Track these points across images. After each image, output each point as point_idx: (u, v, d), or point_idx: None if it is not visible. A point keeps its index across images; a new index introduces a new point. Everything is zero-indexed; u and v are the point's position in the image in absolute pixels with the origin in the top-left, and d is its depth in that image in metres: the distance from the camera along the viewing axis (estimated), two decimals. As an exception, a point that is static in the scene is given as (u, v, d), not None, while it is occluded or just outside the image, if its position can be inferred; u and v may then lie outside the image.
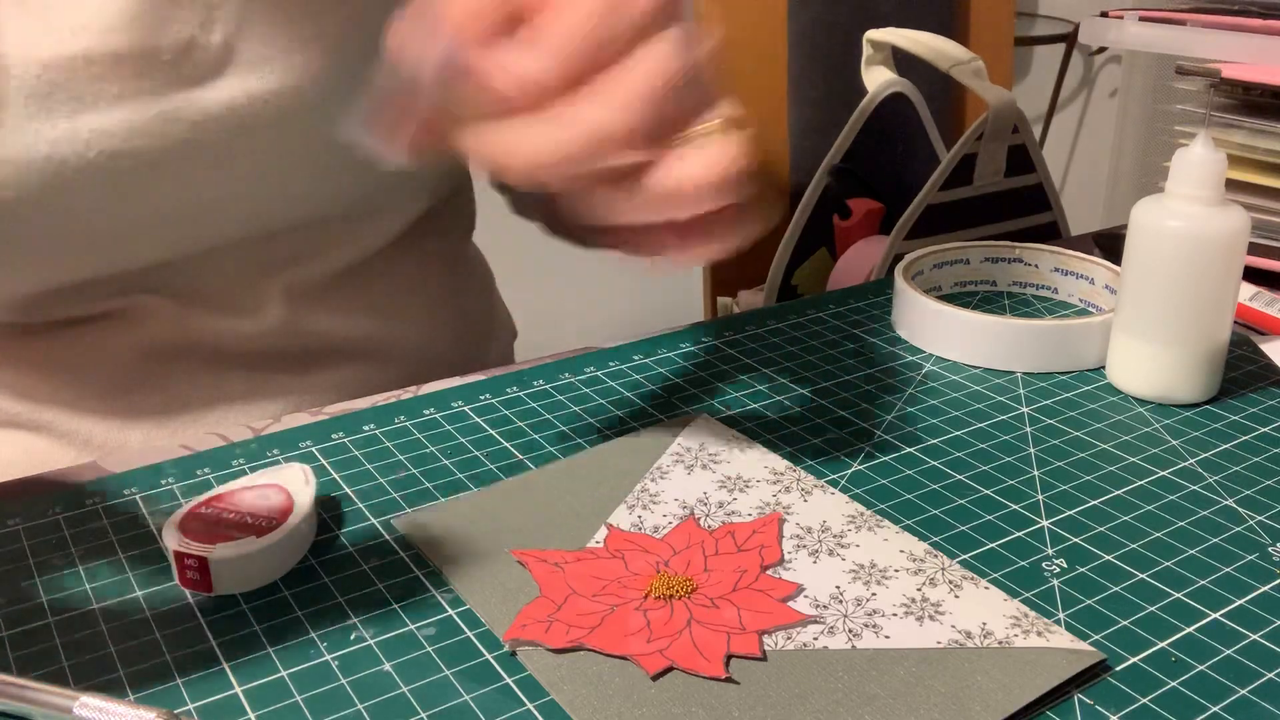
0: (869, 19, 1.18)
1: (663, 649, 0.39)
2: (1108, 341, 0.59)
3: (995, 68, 1.29)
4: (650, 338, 0.64)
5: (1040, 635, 0.39)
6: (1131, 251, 0.56)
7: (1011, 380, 0.59)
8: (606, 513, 0.47)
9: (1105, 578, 0.43)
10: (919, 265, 0.67)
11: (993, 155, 0.88)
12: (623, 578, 0.42)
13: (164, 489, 0.49)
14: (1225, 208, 0.54)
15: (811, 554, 0.44)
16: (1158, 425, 0.55)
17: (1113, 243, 0.75)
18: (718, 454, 0.51)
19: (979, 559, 0.44)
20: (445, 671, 0.38)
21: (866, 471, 0.51)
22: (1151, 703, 0.37)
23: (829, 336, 0.64)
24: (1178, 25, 0.75)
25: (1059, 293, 0.69)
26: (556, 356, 0.62)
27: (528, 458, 0.51)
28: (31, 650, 0.39)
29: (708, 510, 0.47)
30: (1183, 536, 0.46)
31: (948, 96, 1.29)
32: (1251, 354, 0.62)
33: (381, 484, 0.49)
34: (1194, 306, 0.55)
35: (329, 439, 0.53)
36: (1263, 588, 0.43)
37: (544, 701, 0.37)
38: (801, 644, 0.39)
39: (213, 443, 0.53)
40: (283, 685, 0.38)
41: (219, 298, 0.59)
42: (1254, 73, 0.70)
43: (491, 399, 0.57)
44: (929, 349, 0.62)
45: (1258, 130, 0.71)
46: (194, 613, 0.41)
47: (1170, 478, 0.50)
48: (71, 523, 0.46)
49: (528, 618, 0.40)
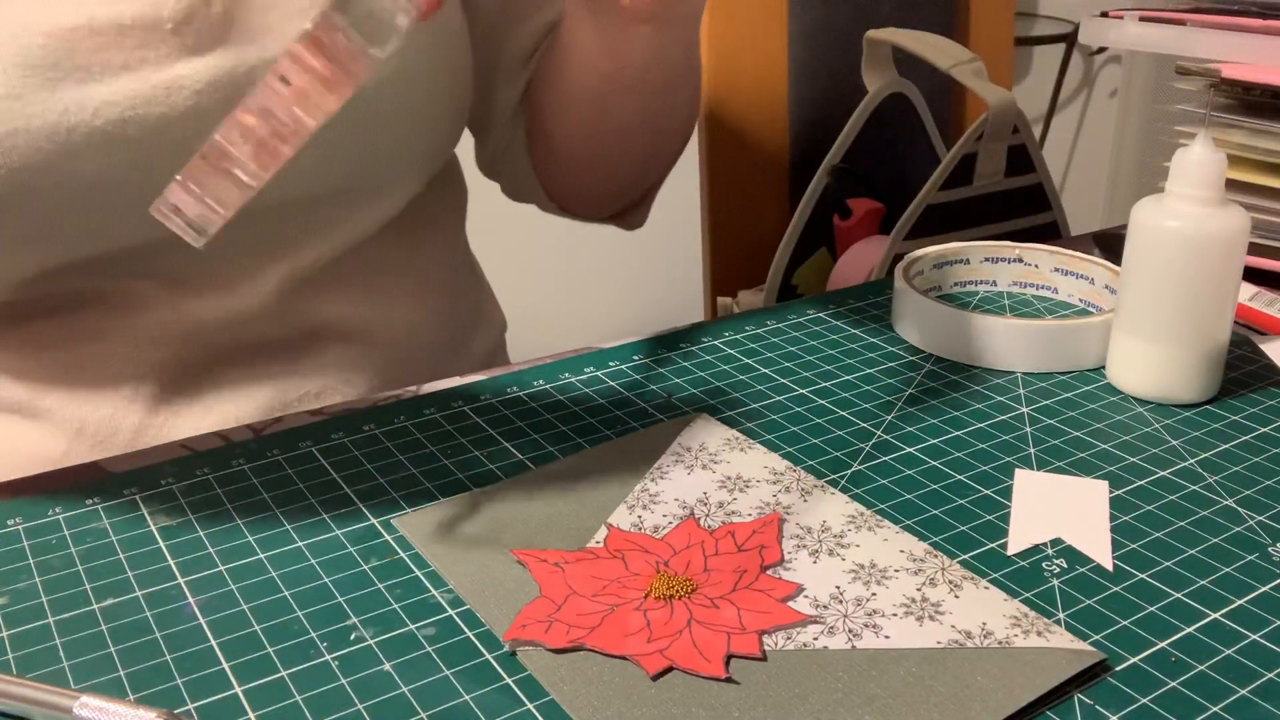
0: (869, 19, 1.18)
1: (663, 649, 0.39)
2: (1108, 341, 0.59)
3: (995, 68, 1.29)
4: (650, 338, 0.64)
5: (1040, 635, 0.39)
6: (1131, 251, 0.56)
7: (1011, 380, 0.59)
8: (606, 513, 0.47)
9: (1105, 578, 0.43)
10: (919, 265, 0.67)
11: (993, 155, 0.88)
12: (623, 578, 0.42)
13: (164, 489, 0.49)
14: (1225, 208, 0.54)
15: (811, 554, 0.44)
16: (1158, 425, 0.55)
17: (1113, 243, 0.75)
18: (718, 454, 0.51)
19: (979, 559, 0.44)
20: (445, 671, 0.38)
21: (866, 471, 0.51)
22: (1151, 703, 0.37)
23: (829, 336, 0.64)
24: (1178, 25, 0.75)
25: (1059, 293, 0.69)
26: (556, 356, 0.62)
27: (528, 458, 0.51)
28: (31, 650, 0.39)
29: (708, 510, 0.47)
30: (1183, 536, 0.46)
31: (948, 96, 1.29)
32: (1251, 354, 0.62)
33: (381, 484, 0.49)
34: (1194, 306, 0.55)
35: (329, 439, 0.53)
36: (1263, 588, 0.43)
37: (544, 701, 0.37)
38: (801, 644, 0.39)
39: (213, 443, 0.53)
40: (283, 685, 0.38)
41: (214, 282, 0.59)
42: (1254, 73, 0.70)
43: (491, 399, 0.57)
44: (929, 349, 0.62)
45: (1258, 130, 0.71)
46: (194, 612, 0.41)
47: (1170, 478, 0.50)
48: (71, 523, 0.46)
49: (528, 618, 0.40)
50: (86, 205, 0.53)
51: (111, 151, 0.52)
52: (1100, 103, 2.72)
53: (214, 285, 0.59)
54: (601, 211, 0.76)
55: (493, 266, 0.82)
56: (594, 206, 0.76)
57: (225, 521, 0.47)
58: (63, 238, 0.54)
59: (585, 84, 0.64)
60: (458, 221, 0.75)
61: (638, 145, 0.69)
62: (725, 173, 1.24)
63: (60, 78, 0.51)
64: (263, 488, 0.49)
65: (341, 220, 0.62)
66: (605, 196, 0.74)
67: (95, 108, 0.51)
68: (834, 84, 1.22)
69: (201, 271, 0.59)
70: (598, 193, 0.74)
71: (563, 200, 0.75)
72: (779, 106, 1.24)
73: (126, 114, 0.52)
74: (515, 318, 0.83)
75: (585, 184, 0.73)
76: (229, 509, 0.47)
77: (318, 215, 0.61)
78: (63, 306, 0.58)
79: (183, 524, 0.46)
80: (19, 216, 0.52)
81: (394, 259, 0.66)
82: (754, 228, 1.26)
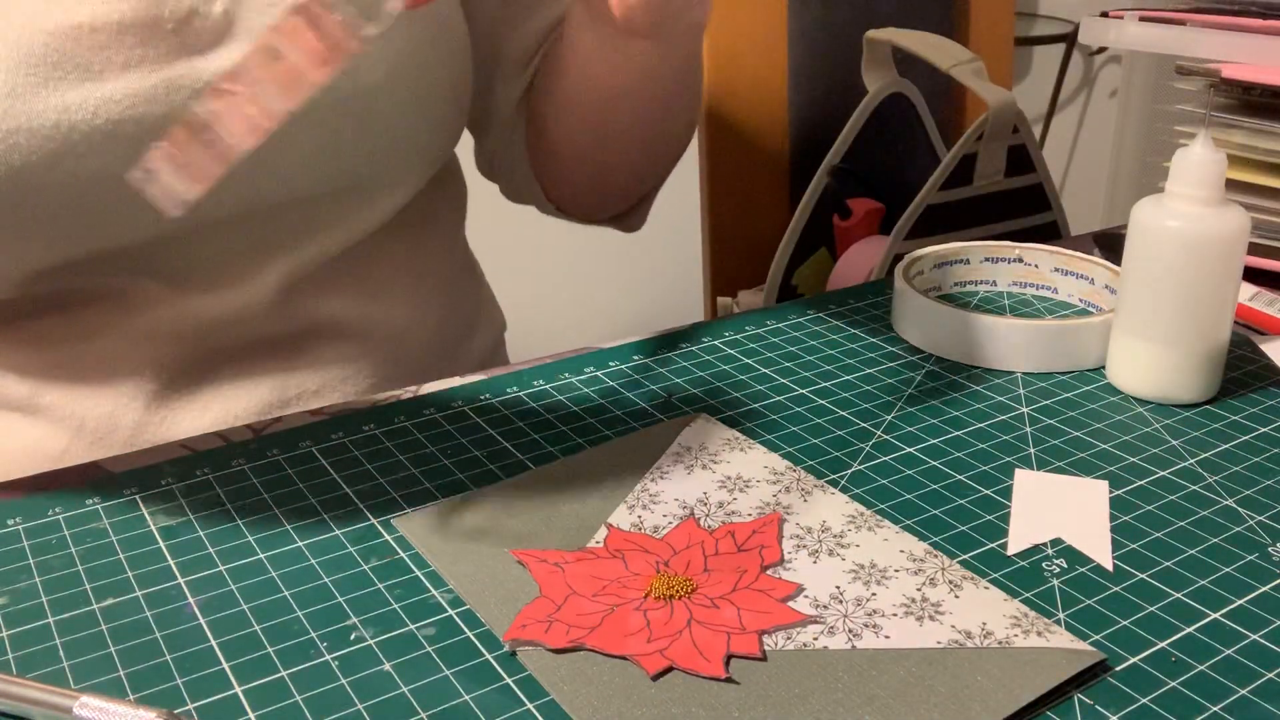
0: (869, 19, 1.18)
1: (663, 649, 0.39)
2: (1108, 341, 0.59)
3: (995, 68, 1.29)
4: (650, 338, 0.64)
5: (1040, 635, 0.39)
6: (1131, 251, 0.56)
7: (1011, 380, 0.59)
8: (606, 513, 0.47)
9: (1105, 578, 0.43)
10: (919, 265, 0.67)
11: (993, 155, 0.88)
12: (623, 578, 0.42)
13: (164, 489, 0.49)
14: (1225, 208, 0.54)
15: (811, 554, 0.44)
16: (1158, 425, 0.55)
17: (1113, 243, 0.75)
18: (718, 454, 0.51)
19: (979, 559, 0.44)
20: (445, 671, 0.38)
21: (866, 471, 0.51)
22: (1151, 703, 0.37)
23: (829, 336, 0.64)
24: (1178, 25, 0.75)
25: (1059, 293, 0.69)
26: (556, 356, 0.62)
27: (528, 458, 0.51)
28: (31, 650, 0.39)
29: (708, 510, 0.47)
30: (1183, 536, 0.46)
31: (948, 96, 1.29)
32: (1251, 354, 0.62)
33: (381, 484, 0.49)
34: (1194, 306, 0.55)
35: (329, 439, 0.53)
36: (1263, 588, 0.43)
37: (544, 701, 0.37)
38: (801, 644, 0.39)
39: (213, 443, 0.53)
40: (283, 685, 0.38)
41: (213, 279, 0.59)
42: (1254, 73, 0.70)
43: (491, 399, 0.57)
44: (929, 349, 0.62)
45: (1258, 130, 0.71)
46: (194, 612, 0.41)
47: (1170, 478, 0.50)
48: (71, 523, 0.46)
49: (528, 618, 0.40)
50: (87, 203, 0.53)
51: (112, 150, 0.52)
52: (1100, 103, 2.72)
53: (214, 283, 0.59)
54: (600, 214, 0.76)
55: (493, 266, 0.82)
56: (593, 209, 0.76)
57: (225, 521, 0.47)
58: (63, 235, 0.54)
59: (583, 90, 0.64)
60: (457, 221, 0.75)
61: (635, 152, 0.69)
62: (725, 172, 1.24)
63: (61, 76, 0.51)
64: (263, 488, 0.49)
65: (341, 219, 0.62)
66: (604, 200, 0.74)
67: (96, 106, 0.51)
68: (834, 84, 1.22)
69: (202, 270, 0.59)
70: (596, 196, 0.74)
71: (561, 202, 0.75)
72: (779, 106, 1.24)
73: (127, 113, 0.52)
74: (515, 318, 0.83)
75: (584, 187, 0.73)
76: (229, 509, 0.47)
77: (317, 214, 0.61)
78: (63, 304, 0.58)
79: (183, 524, 0.46)
80: (19, 214, 0.52)
81: (394, 258, 0.66)
82: (754, 228, 1.26)
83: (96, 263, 0.56)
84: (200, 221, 0.57)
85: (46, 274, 0.56)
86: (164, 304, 0.59)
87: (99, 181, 0.53)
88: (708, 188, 1.24)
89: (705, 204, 1.24)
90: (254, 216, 0.58)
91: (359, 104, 0.58)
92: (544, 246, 1.99)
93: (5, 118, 0.50)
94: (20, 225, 0.53)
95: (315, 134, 0.57)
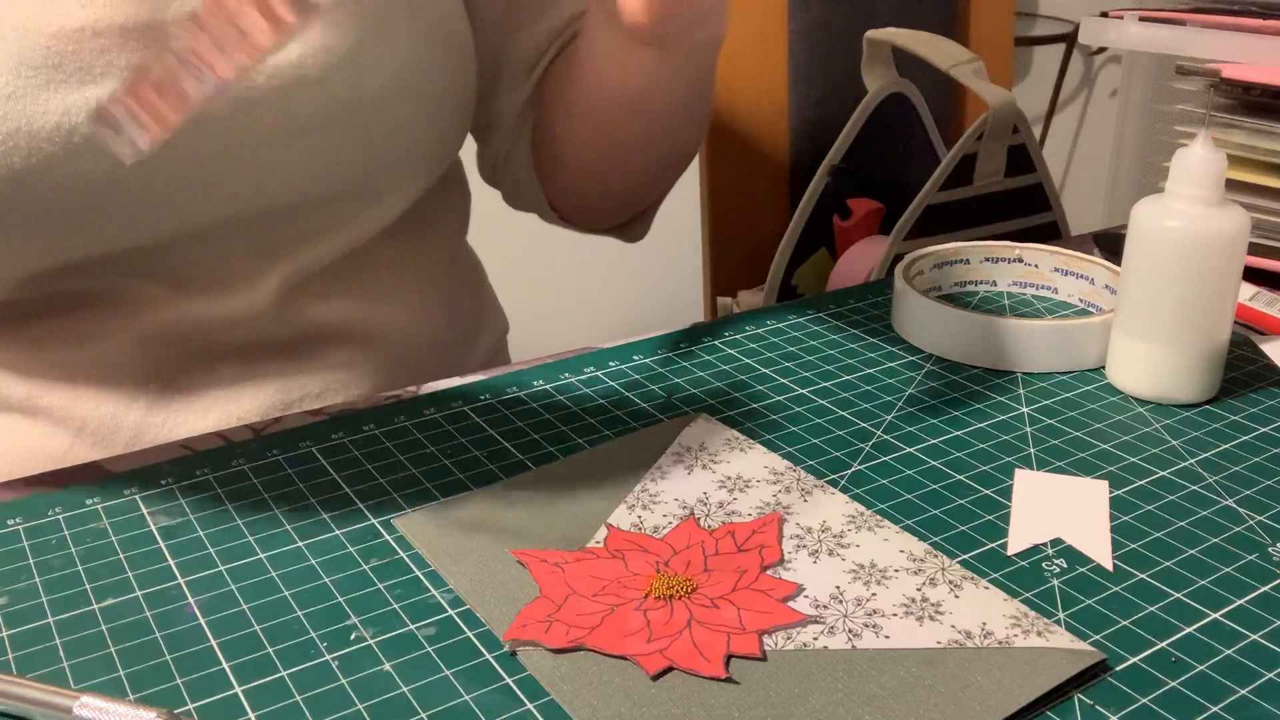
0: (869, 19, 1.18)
1: (663, 649, 0.39)
2: (1108, 341, 0.59)
3: (995, 68, 1.29)
4: (650, 338, 0.64)
5: (1040, 635, 0.39)
6: (1131, 251, 0.56)
7: (1011, 380, 0.59)
8: (606, 513, 0.47)
9: (1105, 578, 0.43)
10: (919, 265, 0.67)
11: (993, 155, 0.88)
12: (623, 578, 0.42)
13: (164, 489, 0.49)
14: (1225, 208, 0.54)
15: (811, 554, 0.44)
16: (1158, 425, 0.55)
17: (1113, 243, 0.75)
18: (718, 454, 0.51)
19: (979, 559, 0.44)
20: (445, 671, 0.38)
21: (866, 471, 0.51)
22: (1151, 703, 0.37)
23: (829, 336, 0.64)
24: (1178, 25, 0.75)
25: (1059, 293, 0.69)
26: (556, 356, 0.62)
27: (528, 458, 0.51)
28: (31, 650, 0.39)
29: (708, 510, 0.47)
30: (1183, 536, 0.46)
31: (948, 96, 1.29)
32: (1251, 354, 0.62)
33: (381, 484, 0.49)
34: (1194, 306, 0.55)
35: (329, 439, 0.53)
36: (1263, 588, 0.43)
37: (544, 701, 0.37)
38: (801, 644, 0.39)
39: (213, 443, 0.53)
40: (283, 685, 0.38)
41: (215, 283, 0.59)
42: (1254, 73, 0.70)
43: (491, 399, 0.57)
44: (929, 349, 0.62)
45: (1258, 130, 0.71)
46: (194, 612, 0.41)
47: (1170, 478, 0.50)
48: (71, 523, 0.47)
49: (528, 618, 0.40)
50: (88, 206, 0.53)
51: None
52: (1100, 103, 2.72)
53: (216, 286, 0.59)
54: (603, 223, 0.76)
55: (494, 267, 0.82)
56: (596, 218, 0.76)
57: (225, 521, 0.47)
58: (64, 238, 0.54)
59: (596, 95, 0.64)
60: (460, 223, 0.75)
61: (640, 163, 0.69)
62: (725, 173, 1.24)
63: (62, 79, 0.51)
64: (263, 488, 0.49)
65: (344, 222, 0.62)
66: (607, 209, 0.74)
67: None
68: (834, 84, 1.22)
69: (203, 273, 0.59)
70: (600, 205, 0.74)
71: (565, 211, 0.75)
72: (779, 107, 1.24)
73: None
74: (516, 318, 0.83)
75: (588, 196, 0.73)
76: (229, 509, 0.48)
77: (320, 218, 0.61)
78: (64, 306, 0.58)
79: (183, 524, 0.46)
80: (21, 216, 0.52)
81: (396, 260, 0.66)
82: (754, 228, 1.26)
83: (97, 265, 0.56)
84: (202, 225, 0.57)
85: (47, 276, 0.56)
86: (165, 307, 0.59)
87: (100, 184, 0.53)
88: (708, 188, 1.24)
89: (705, 204, 1.24)
90: (256, 220, 0.58)
91: (362, 108, 0.58)
92: (545, 247, 1.98)
93: (5, 120, 0.50)
94: (21, 227, 0.53)
95: (318, 138, 0.57)
